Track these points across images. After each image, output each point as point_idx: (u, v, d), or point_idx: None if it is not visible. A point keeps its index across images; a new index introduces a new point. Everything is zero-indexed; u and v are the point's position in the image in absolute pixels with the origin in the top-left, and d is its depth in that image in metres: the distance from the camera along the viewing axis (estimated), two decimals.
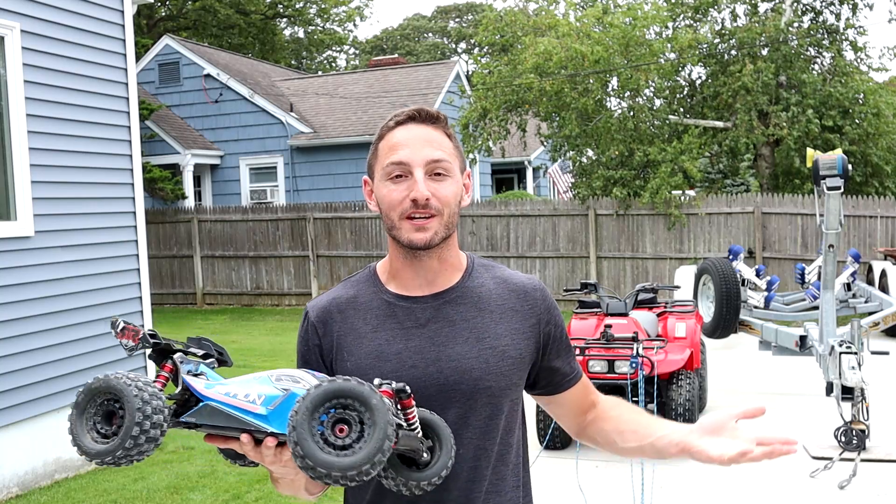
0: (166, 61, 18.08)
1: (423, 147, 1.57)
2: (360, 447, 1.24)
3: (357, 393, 1.25)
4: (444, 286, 1.63)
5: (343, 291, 1.68)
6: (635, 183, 13.86)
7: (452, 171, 1.59)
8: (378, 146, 1.62)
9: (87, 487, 5.83)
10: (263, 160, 17.54)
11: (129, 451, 1.25)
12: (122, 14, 6.92)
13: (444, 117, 1.64)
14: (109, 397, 1.30)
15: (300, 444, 1.23)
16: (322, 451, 1.23)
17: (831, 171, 6.00)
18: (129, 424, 1.25)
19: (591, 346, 6.03)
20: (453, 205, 1.58)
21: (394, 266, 1.66)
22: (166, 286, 16.27)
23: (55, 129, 6.24)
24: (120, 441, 1.25)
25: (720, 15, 16.04)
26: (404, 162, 1.55)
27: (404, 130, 1.59)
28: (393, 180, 1.57)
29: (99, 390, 1.30)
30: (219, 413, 1.32)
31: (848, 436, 5.80)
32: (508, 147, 21.31)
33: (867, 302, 9.45)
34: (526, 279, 1.71)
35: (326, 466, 1.22)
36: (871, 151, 14.18)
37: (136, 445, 1.25)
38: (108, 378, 1.30)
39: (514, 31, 15.43)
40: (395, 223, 1.57)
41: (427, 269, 1.62)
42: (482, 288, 1.65)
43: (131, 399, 1.25)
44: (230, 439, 1.38)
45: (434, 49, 44.67)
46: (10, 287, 5.78)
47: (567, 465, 5.76)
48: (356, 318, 1.63)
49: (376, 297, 1.64)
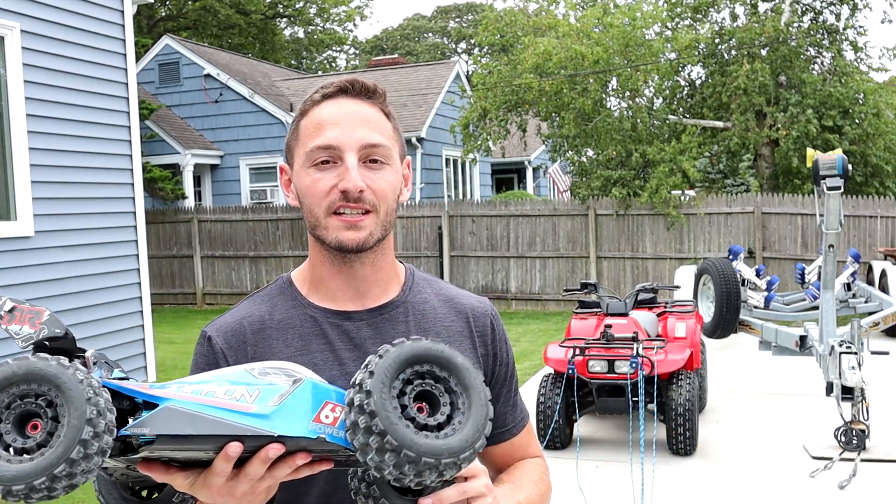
0: (166, 61, 18.08)
1: (358, 127, 1.27)
2: (460, 422, 0.97)
3: (437, 356, 1.00)
4: (381, 300, 1.36)
5: (253, 309, 1.36)
6: (634, 183, 13.87)
7: (391, 157, 1.31)
8: (300, 124, 1.32)
9: (88, 487, 5.83)
10: (263, 160, 17.54)
11: (54, 481, 0.84)
12: (122, 14, 6.92)
13: (382, 91, 1.34)
14: (31, 391, 0.88)
15: (389, 430, 0.92)
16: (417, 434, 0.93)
17: (831, 171, 6.00)
18: (73, 433, 0.84)
19: (591, 346, 6.03)
20: (391, 199, 1.30)
21: (316, 274, 1.37)
22: (166, 286, 16.27)
23: (55, 129, 6.24)
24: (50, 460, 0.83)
25: (720, 15, 16.05)
26: (333, 146, 1.26)
27: (333, 105, 1.29)
28: (318, 167, 1.27)
29: (12, 379, 0.87)
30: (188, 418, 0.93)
31: (848, 436, 5.80)
32: (508, 147, 21.32)
33: (867, 302, 9.46)
34: (476, 301, 1.44)
35: (433, 453, 0.93)
36: (871, 151, 14.17)
37: (71, 471, 0.84)
38: (29, 363, 0.88)
39: (514, 32, 15.44)
40: (320, 220, 1.29)
41: (359, 277, 1.34)
42: (425, 305, 1.39)
43: (77, 392, 0.86)
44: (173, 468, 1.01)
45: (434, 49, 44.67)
46: (10, 287, 5.78)
47: (567, 465, 5.76)
48: (275, 339, 1.32)
49: (297, 313, 1.34)
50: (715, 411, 7.25)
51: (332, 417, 1.00)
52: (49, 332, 0.96)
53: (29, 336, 0.95)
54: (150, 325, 7.13)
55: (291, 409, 0.97)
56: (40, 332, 0.95)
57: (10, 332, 0.96)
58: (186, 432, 0.92)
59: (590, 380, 5.98)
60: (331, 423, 1.00)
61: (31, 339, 0.95)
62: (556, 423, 6.11)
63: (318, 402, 1.00)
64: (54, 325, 0.96)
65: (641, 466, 4.83)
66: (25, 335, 0.95)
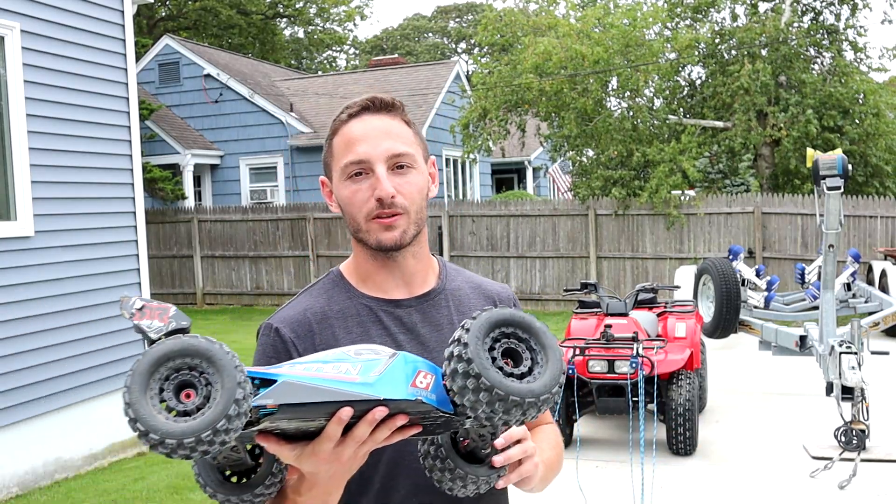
0: (166, 61, 18.08)
1: (383, 140, 1.46)
2: (539, 373, 1.13)
3: (520, 321, 1.16)
4: (424, 288, 1.56)
5: (313, 301, 1.53)
6: (634, 183, 13.87)
7: (416, 162, 1.49)
8: (332, 143, 1.51)
9: (87, 487, 5.82)
10: (263, 160, 17.54)
11: (217, 433, 0.98)
12: (122, 14, 6.92)
13: (400, 104, 1.53)
14: (185, 364, 1.03)
15: (483, 374, 1.08)
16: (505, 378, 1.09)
17: (831, 171, 6.00)
18: (228, 394, 0.99)
19: (591, 346, 6.03)
20: (419, 199, 1.49)
21: (363, 269, 1.54)
22: (166, 286, 16.27)
23: (55, 129, 6.24)
24: (213, 417, 0.98)
25: (720, 15, 16.05)
26: (363, 159, 1.44)
27: (359, 123, 1.48)
28: (353, 179, 1.46)
29: (171, 355, 1.02)
30: (304, 389, 1.07)
31: (848, 436, 5.81)
32: (508, 147, 21.32)
33: (867, 302, 9.46)
34: (499, 287, 1.67)
35: (519, 394, 1.08)
36: (871, 152, 14.17)
37: (229, 424, 0.99)
38: (182, 340, 1.04)
39: (513, 32, 15.44)
40: (361, 226, 1.47)
41: (403, 269, 1.52)
42: (460, 291, 1.60)
43: (227, 362, 1.01)
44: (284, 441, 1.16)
45: (434, 49, 44.67)
46: (10, 287, 5.78)
47: (567, 465, 5.75)
48: (337, 327, 1.49)
49: (353, 303, 1.52)
50: (715, 411, 7.26)
51: (425, 383, 1.16)
52: (177, 324, 1.12)
53: (160, 328, 1.11)
54: None
55: (391, 377, 1.13)
56: (169, 325, 1.11)
57: (143, 326, 1.11)
58: (304, 401, 1.06)
59: (590, 380, 5.98)
60: (424, 387, 1.15)
61: (162, 331, 1.11)
62: (556, 423, 6.10)
63: (413, 371, 1.15)
64: (181, 319, 1.12)
65: (641, 466, 4.83)
66: (157, 328, 1.11)
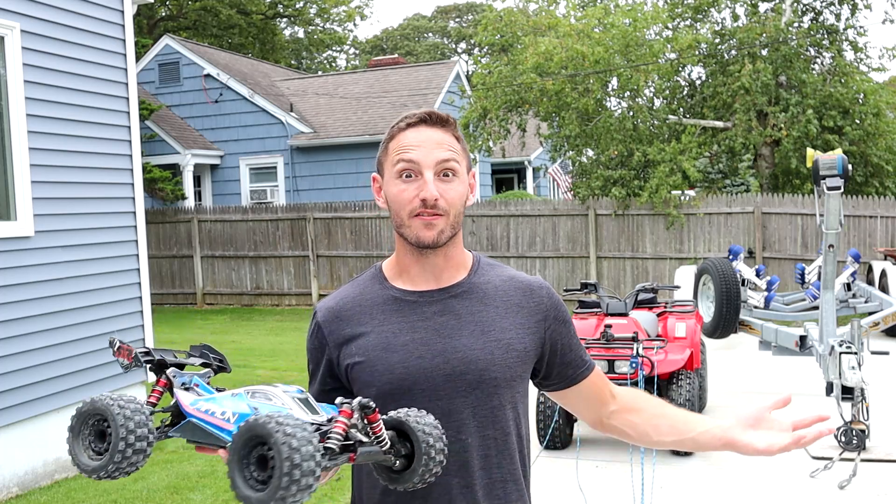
0: (166, 61, 18.08)
1: (434, 149, 1.62)
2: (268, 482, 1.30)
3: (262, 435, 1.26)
4: (450, 282, 1.69)
5: (349, 291, 1.74)
6: (634, 183, 13.87)
7: (460, 171, 1.65)
8: (388, 145, 1.67)
9: (87, 487, 5.82)
10: (263, 160, 17.54)
11: (119, 465, 1.36)
12: (122, 14, 6.92)
13: (453, 121, 1.69)
14: (98, 418, 1.40)
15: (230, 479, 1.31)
16: (245, 483, 1.29)
17: (831, 171, 6.00)
18: (115, 441, 1.35)
19: (591, 346, 6.03)
20: (459, 205, 1.65)
21: (401, 263, 1.71)
22: (166, 286, 16.27)
23: (55, 129, 6.24)
24: (110, 456, 1.36)
25: (720, 15, 16.05)
26: (415, 161, 1.61)
27: (415, 132, 1.64)
28: (403, 179, 1.62)
29: (88, 413, 1.40)
30: (198, 429, 1.40)
31: (848, 436, 5.80)
32: (508, 147, 21.31)
33: (867, 302, 9.45)
34: (532, 278, 1.77)
35: (246, 500, 1.27)
36: (871, 151, 14.17)
37: (124, 458, 1.35)
38: (93, 401, 1.40)
39: (513, 32, 15.44)
40: (405, 221, 1.63)
41: (434, 265, 1.67)
42: (488, 284, 1.71)
43: (115, 417, 1.36)
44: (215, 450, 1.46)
45: (434, 49, 44.68)
46: (10, 287, 5.78)
47: (567, 465, 5.76)
48: (362, 314, 1.68)
49: (382, 294, 1.70)
50: (715, 411, 7.25)
51: None
52: (136, 363, 1.49)
53: (126, 366, 1.51)
54: (150, 325, 7.13)
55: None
56: (132, 365, 1.50)
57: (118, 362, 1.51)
58: (196, 438, 1.41)
59: None
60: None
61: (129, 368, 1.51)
62: (556, 423, 6.11)
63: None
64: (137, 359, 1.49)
65: (641, 466, 4.83)
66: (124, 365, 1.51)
